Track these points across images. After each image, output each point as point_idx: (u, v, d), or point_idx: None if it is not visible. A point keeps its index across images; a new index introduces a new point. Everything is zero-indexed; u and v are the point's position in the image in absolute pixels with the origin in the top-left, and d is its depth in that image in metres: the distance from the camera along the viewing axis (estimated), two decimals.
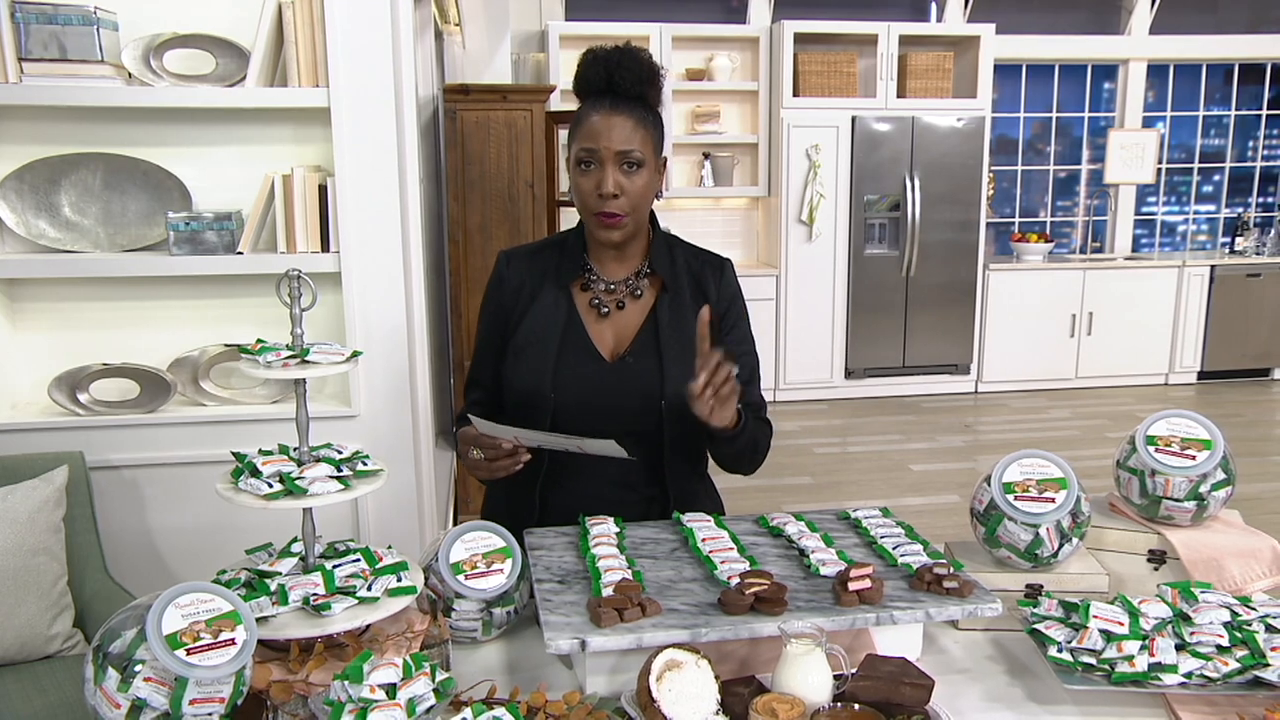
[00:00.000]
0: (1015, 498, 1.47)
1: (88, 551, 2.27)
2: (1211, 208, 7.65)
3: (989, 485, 1.50)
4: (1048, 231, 7.34)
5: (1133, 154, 7.12)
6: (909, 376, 6.68)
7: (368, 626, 1.32)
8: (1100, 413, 6.26)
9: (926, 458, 5.36)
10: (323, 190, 2.49)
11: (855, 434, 5.89)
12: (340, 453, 1.34)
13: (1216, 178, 7.59)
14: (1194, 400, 6.62)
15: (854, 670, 1.24)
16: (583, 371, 1.70)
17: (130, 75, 2.43)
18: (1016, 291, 6.68)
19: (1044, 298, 6.71)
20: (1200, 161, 7.52)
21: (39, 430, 2.45)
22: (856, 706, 1.19)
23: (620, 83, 1.65)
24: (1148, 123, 7.29)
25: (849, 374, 6.59)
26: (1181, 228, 7.66)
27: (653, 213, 1.77)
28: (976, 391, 6.78)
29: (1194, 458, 1.53)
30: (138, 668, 1.08)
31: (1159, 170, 7.30)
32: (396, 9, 2.49)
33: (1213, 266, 6.83)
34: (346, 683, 1.14)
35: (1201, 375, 6.99)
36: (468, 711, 1.13)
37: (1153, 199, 7.53)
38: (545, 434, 1.57)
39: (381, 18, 2.47)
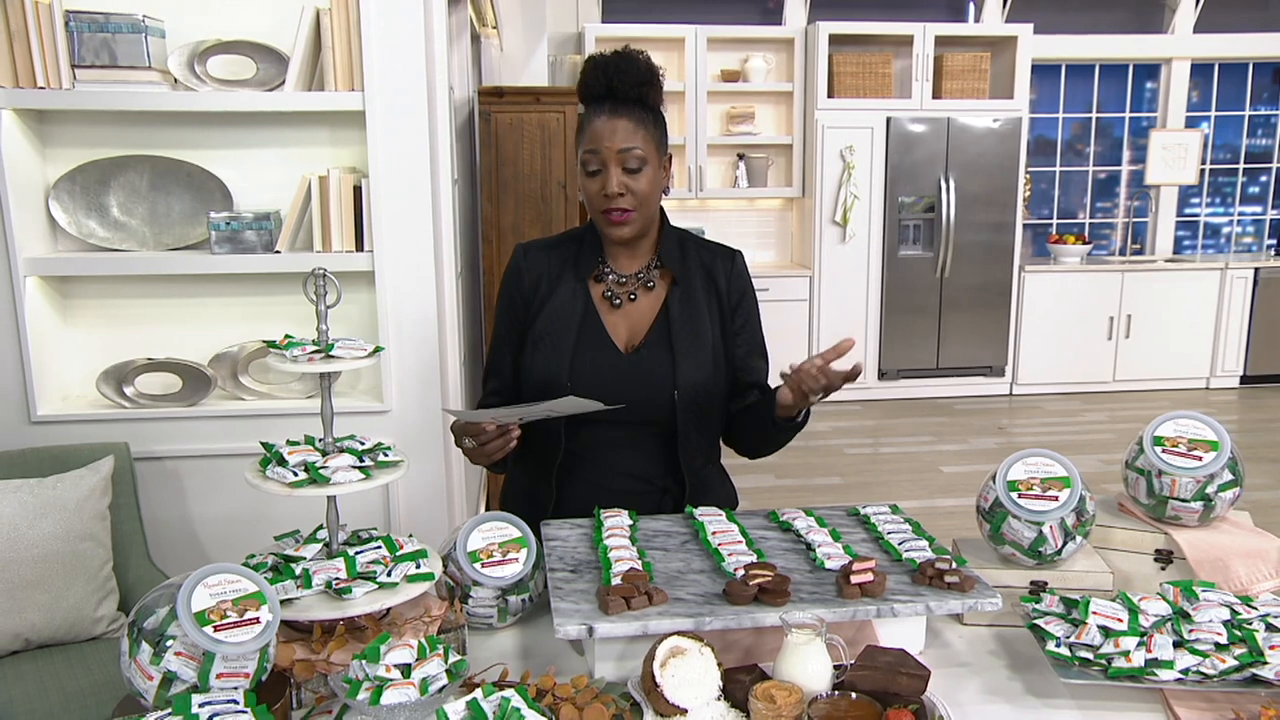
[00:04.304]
0: (1019, 495, 1.49)
1: (131, 538, 2.37)
2: (1258, 209, 7.52)
3: (994, 483, 1.53)
4: (1086, 233, 7.26)
5: (1175, 155, 7.02)
6: (943, 378, 6.66)
7: (388, 610, 1.38)
8: (1138, 417, 6.18)
9: (958, 459, 5.34)
10: (357, 191, 2.57)
11: (887, 435, 5.88)
12: (363, 444, 1.41)
13: (1263, 178, 7.45)
14: (1236, 405, 6.51)
15: (853, 660, 1.27)
16: (598, 361, 1.75)
17: (176, 80, 2.52)
18: (1053, 293, 6.62)
19: (1081, 300, 6.64)
20: (1246, 162, 7.40)
21: (87, 422, 2.55)
22: (854, 695, 1.22)
23: (619, 86, 1.70)
24: (1191, 123, 7.18)
25: (882, 375, 6.58)
26: (1226, 229, 7.53)
27: (662, 209, 1.82)
28: (1011, 394, 6.73)
29: (1200, 458, 1.54)
30: (169, 642, 1.15)
31: (1202, 171, 7.18)
32: (430, 15, 2.56)
33: (1257, 269, 6.71)
34: (364, 662, 1.21)
35: (1244, 380, 6.87)
36: (478, 692, 1.18)
37: (1196, 200, 7.41)
38: (516, 407, 1.61)
39: (415, 23, 2.54)
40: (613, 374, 1.74)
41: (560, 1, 6.21)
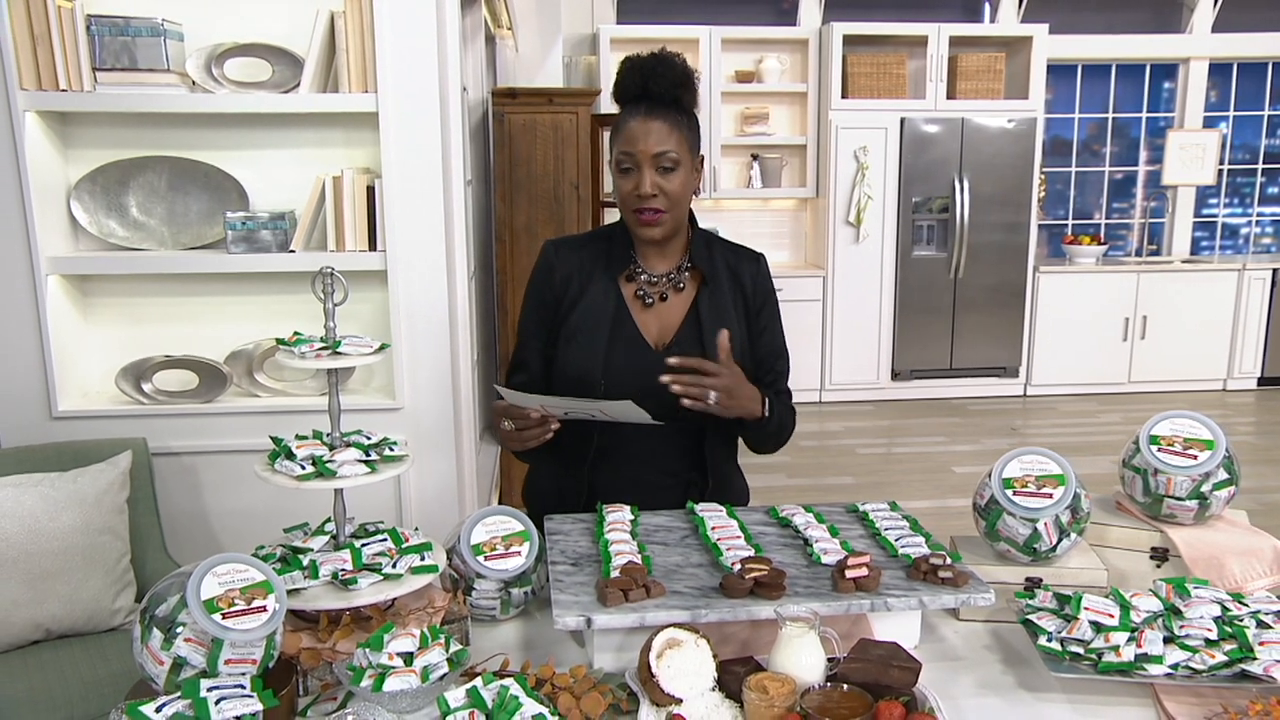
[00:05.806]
0: (1014, 493, 1.51)
1: (149, 532, 2.42)
2: (1276, 209, 7.46)
3: (990, 480, 1.55)
4: (1102, 234, 7.23)
5: (1192, 155, 6.98)
6: (956, 379, 6.65)
7: (393, 601, 1.42)
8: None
9: (970, 460, 5.34)
10: (370, 191, 2.61)
11: (900, 435, 5.88)
12: (369, 439, 1.44)
13: None
14: (1253, 406, 6.47)
15: (846, 653, 1.30)
16: (632, 359, 1.79)
17: (194, 83, 2.58)
18: (1067, 294, 6.60)
19: (1096, 301, 6.61)
20: (1265, 162, 7.34)
21: (107, 418, 2.61)
22: (845, 687, 1.25)
23: (655, 88, 1.73)
24: (1209, 123, 7.13)
25: (895, 375, 6.58)
26: (1244, 230, 7.48)
27: (691, 211, 1.86)
28: (1025, 394, 6.72)
29: (1195, 457, 1.56)
30: (179, 629, 1.19)
31: (1220, 171, 7.14)
32: (444, 18, 2.60)
33: (1275, 270, 6.66)
34: (368, 650, 1.24)
35: (1261, 381, 6.82)
36: (478, 680, 1.21)
37: (1213, 201, 7.36)
38: (568, 400, 1.64)
39: (428, 26, 2.58)
40: (646, 371, 1.76)
41: (575, 2, 6.25)
